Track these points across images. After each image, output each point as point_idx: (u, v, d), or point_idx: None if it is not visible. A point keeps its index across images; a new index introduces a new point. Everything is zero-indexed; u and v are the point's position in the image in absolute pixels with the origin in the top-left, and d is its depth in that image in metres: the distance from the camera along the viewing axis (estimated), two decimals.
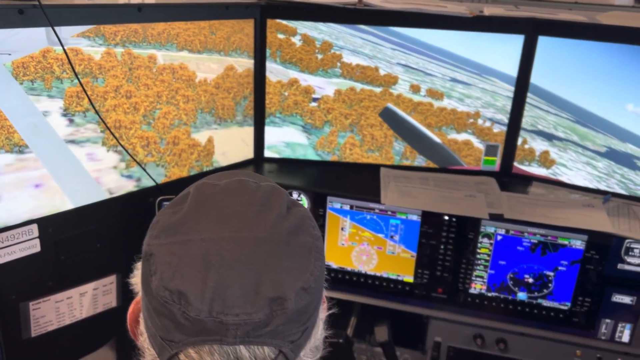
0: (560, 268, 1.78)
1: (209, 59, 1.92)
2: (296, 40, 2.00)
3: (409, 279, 1.91)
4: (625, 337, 1.80)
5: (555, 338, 1.85)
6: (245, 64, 2.01)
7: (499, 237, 1.80)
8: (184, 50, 1.84)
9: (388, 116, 2.01)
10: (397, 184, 1.90)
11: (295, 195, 1.92)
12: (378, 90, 2.04)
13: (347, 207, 1.89)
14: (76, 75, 1.42)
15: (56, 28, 1.36)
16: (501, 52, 1.91)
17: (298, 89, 2.06)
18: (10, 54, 1.29)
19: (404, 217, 1.85)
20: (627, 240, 1.70)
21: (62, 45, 1.34)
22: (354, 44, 1.98)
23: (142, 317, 0.74)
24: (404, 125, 2.01)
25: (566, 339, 1.84)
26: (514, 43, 1.89)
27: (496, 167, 2.04)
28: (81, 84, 1.44)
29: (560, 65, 1.85)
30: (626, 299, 1.76)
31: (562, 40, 1.83)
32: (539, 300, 1.83)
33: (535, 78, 1.91)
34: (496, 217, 1.75)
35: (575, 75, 1.84)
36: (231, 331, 0.63)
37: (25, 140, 1.39)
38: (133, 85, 1.68)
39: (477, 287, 1.86)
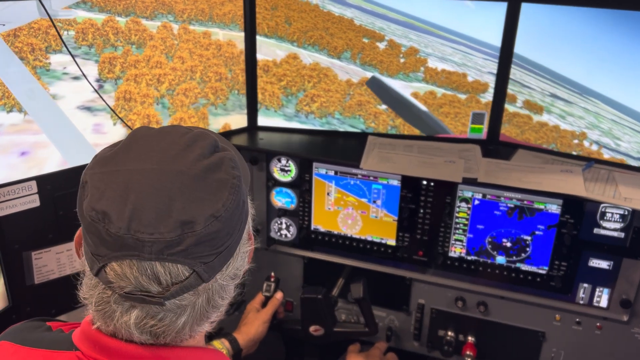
0: (537, 232, 1.81)
1: (277, 46, 2.01)
2: (381, 45, 2.01)
3: (392, 242, 1.98)
4: (604, 302, 1.81)
5: (535, 302, 1.88)
6: (318, 58, 2.03)
7: (476, 202, 1.84)
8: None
9: (375, 85, 2.06)
10: (380, 150, 1.96)
11: (283, 161, 2.01)
12: (463, 96, 2.01)
13: (332, 173, 1.97)
14: (64, 43, 1.56)
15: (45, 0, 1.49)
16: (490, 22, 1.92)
17: (367, 89, 2.05)
18: (4, 25, 1.43)
19: (385, 182, 1.92)
20: (602, 205, 1.71)
21: (49, 16, 1.47)
22: (443, 52, 1.97)
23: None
24: (391, 94, 2.06)
25: (545, 303, 1.87)
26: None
27: (483, 135, 2.06)
28: (70, 53, 1.58)
29: None
30: (603, 264, 1.77)
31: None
32: (518, 265, 1.86)
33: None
34: (470, 181, 1.79)
35: None
36: (147, 248, 0.75)
37: (22, 104, 1.54)
38: (166, 57, 1.79)
39: (457, 250, 1.92)
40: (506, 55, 1.92)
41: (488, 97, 1.98)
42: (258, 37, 2.00)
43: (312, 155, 1.98)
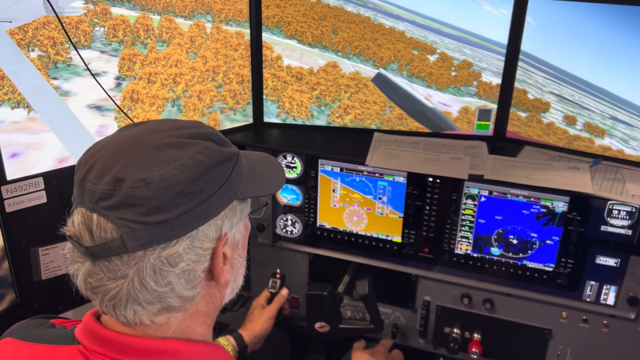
0: (544, 231, 1.80)
1: (320, 55, 1.97)
2: (432, 57, 1.96)
3: (398, 239, 1.98)
4: (611, 300, 1.80)
5: (541, 299, 1.87)
6: (360, 68, 1.99)
7: (483, 199, 1.83)
8: (292, 39, 1.91)
9: (381, 81, 2.06)
10: (386, 147, 1.96)
11: (289, 158, 2.01)
12: (523, 115, 1.94)
13: (337, 170, 1.97)
14: (71, 41, 1.56)
15: None
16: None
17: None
18: (10, 22, 1.44)
19: (390, 179, 1.92)
20: (609, 202, 1.70)
21: (56, 13, 1.48)
22: (499, 67, 1.92)
23: None
24: (398, 90, 2.06)
25: (551, 300, 1.86)
26: None
27: (490, 131, 2.05)
28: (76, 48, 1.58)
29: None
30: (610, 261, 1.76)
31: None
32: (524, 261, 1.85)
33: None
34: (476, 178, 1.78)
35: None
36: (87, 197, 0.81)
37: (28, 100, 1.55)
38: (188, 56, 1.75)
39: (463, 247, 1.91)
40: (513, 51, 1.91)
41: (550, 117, 1.89)
42: (301, 46, 1.97)
43: (317, 152, 1.98)
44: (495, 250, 1.87)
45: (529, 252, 1.83)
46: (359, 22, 1.96)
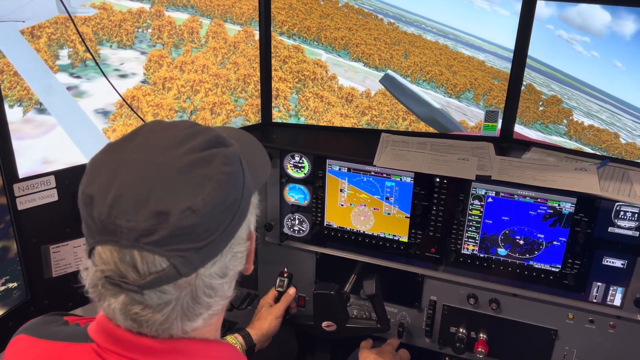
0: (551, 232, 1.81)
1: None
2: None
3: (404, 239, 1.99)
4: (617, 301, 1.81)
5: (547, 300, 1.88)
6: (429, 95, 1.92)
7: (490, 199, 1.84)
8: (359, 62, 1.85)
9: (388, 82, 2.06)
10: (393, 148, 1.97)
11: (297, 158, 2.02)
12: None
13: (345, 170, 1.98)
14: (82, 39, 1.58)
15: None
16: None
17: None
18: (24, 21, 1.46)
19: (398, 179, 1.92)
20: (617, 204, 1.70)
21: (68, 13, 1.49)
22: (589, 107, 1.83)
23: None
24: (405, 91, 2.06)
25: (558, 301, 1.87)
26: None
27: (496, 132, 2.06)
28: (87, 48, 1.60)
29: None
30: (617, 262, 1.77)
31: None
32: (531, 262, 1.86)
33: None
34: (483, 179, 1.79)
35: None
36: (124, 234, 0.77)
37: (41, 99, 1.56)
38: (214, 60, 1.67)
39: (470, 247, 1.92)
40: (520, 55, 1.92)
41: None
42: (366, 69, 1.91)
43: (325, 152, 1.99)
44: (501, 251, 1.88)
45: (536, 252, 1.84)
46: (436, 49, 1.88)
